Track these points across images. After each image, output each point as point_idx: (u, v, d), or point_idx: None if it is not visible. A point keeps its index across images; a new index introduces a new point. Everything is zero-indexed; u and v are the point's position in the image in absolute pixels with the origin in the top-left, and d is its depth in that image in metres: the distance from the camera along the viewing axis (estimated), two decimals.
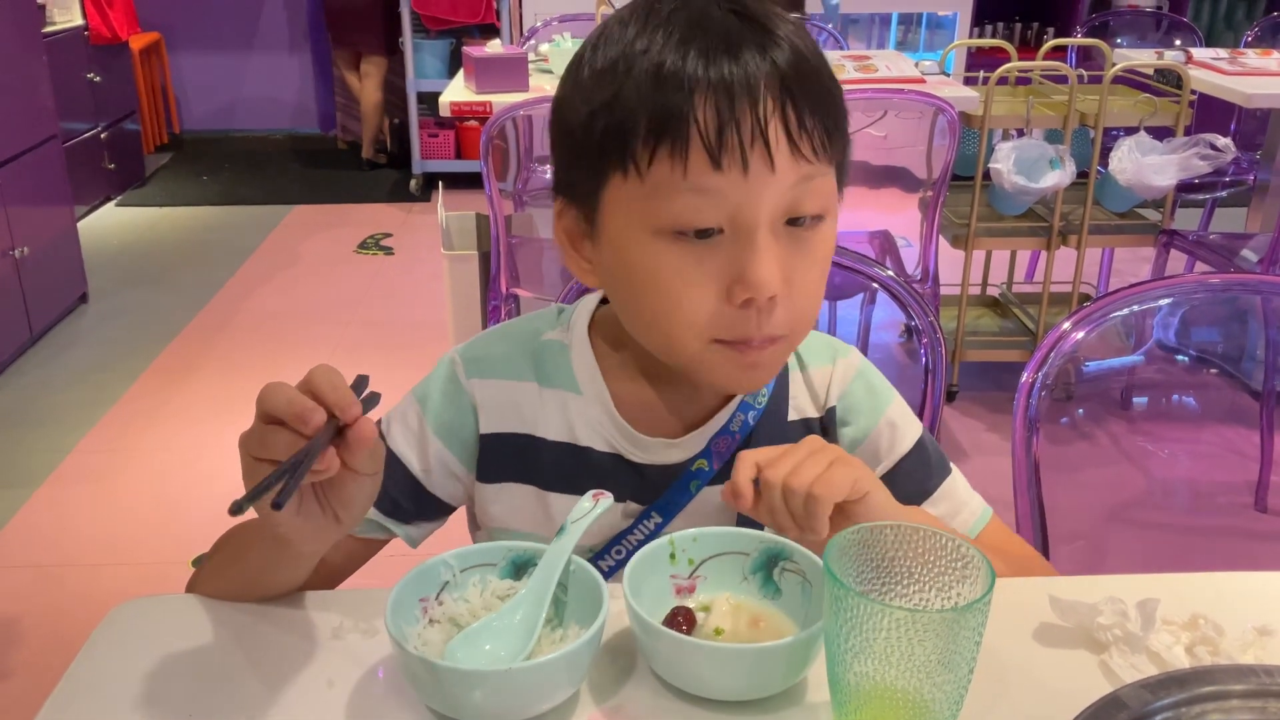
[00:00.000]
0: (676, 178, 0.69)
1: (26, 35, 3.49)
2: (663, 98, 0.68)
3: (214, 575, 0.82)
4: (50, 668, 2.03)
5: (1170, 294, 1.15)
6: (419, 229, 4.62)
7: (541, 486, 0.86)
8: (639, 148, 0.69)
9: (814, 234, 0.73)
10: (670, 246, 0.71)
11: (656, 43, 0.69)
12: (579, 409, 0.84)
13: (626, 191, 0.71)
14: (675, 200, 0.69)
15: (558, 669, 0.67)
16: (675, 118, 0.67)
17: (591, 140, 0.71)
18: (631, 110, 0.69)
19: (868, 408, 0.88)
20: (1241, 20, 5.31)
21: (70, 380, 3.19)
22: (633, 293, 0.75)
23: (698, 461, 0.84)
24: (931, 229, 2.63)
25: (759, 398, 0.85)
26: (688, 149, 0.68)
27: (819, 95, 0.70)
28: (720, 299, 0.71)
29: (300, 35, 6.13)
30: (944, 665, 0.60)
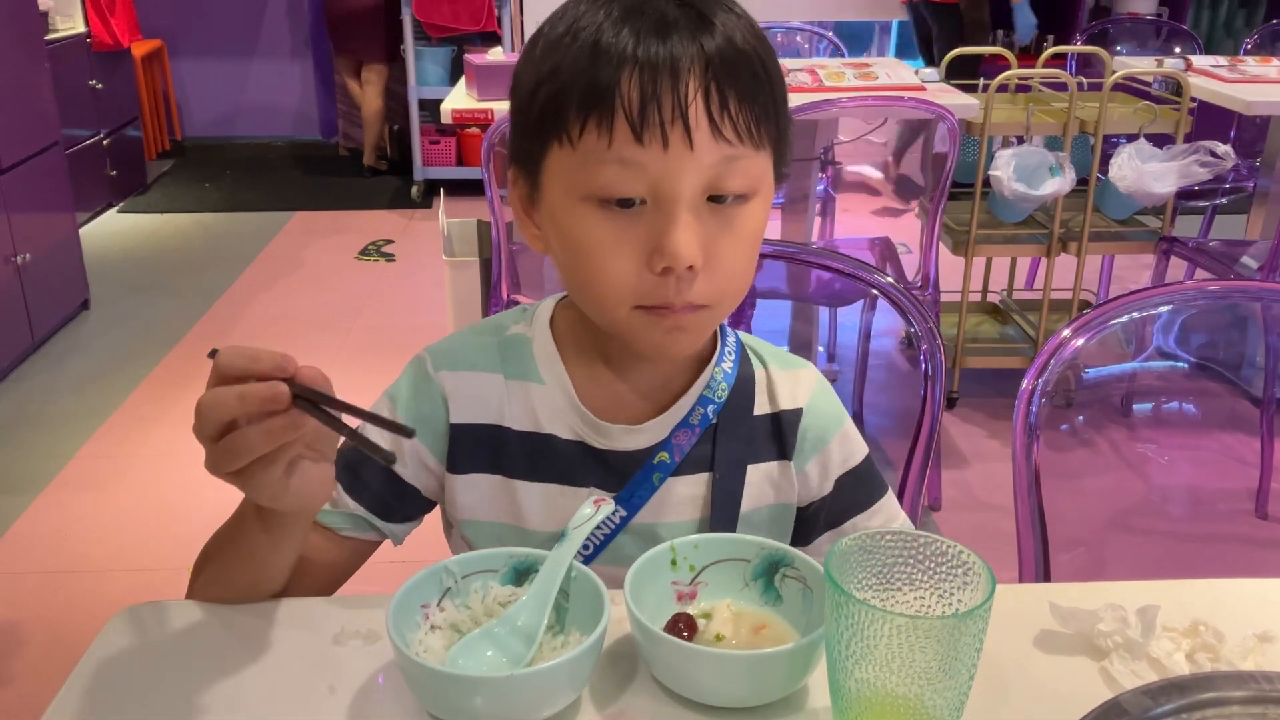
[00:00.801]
0: (602, 147, 0.72)
1: (29, 42, 3.50)
2: (594, 72, 0.72)
3: (209, 581, 0.82)
4: (53, 673, 2.03)
5: (1170, 301, 1.15)
6: (420, 235, 4.62)
7: (509, 475, 0.87)
8: (572, 117, 0.73)
9: (738, 212, 0.76)
10: (597, 214, 0.75)
11: (597, 20, 0.73)
12: (542, 398, 0.87)
13: (562, 160, 0.75)
14: (601, 169, 0.73)
15: (559, 675, 0.67)
16: (604, 91, 0.72)
17: (535, 110, 0.76)
18: (568, 82, 0.73)
19: (831, 416, 0.92)
20: (1241, 28, 5.32)
21: (72, 386, 3.19)
22: (568, 258, 0.79)
23: (659, 454, 0.86)
24: (932, 236, 2.64)
25: (718, 392, 0.87)
26: (613, 121, 0.72)
27: (747, 81, 0.73)
28: (642, 267, 0.75)
29: (302, 42, 6.15)
30: (945, 672, 0.60)
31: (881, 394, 3.13)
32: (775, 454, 0.90)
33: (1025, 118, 2.74)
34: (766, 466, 0.90)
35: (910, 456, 1.17)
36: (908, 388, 3.20)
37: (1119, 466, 1.39)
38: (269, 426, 0.65)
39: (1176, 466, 1.49)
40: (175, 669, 0.74)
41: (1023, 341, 3.07)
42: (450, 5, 4.73)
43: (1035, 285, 3.42)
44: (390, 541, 0.92)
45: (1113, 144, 2.85)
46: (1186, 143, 2.68)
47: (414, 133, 5.03)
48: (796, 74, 2.82)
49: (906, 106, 2.64)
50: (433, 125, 5.02)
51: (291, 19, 6.11)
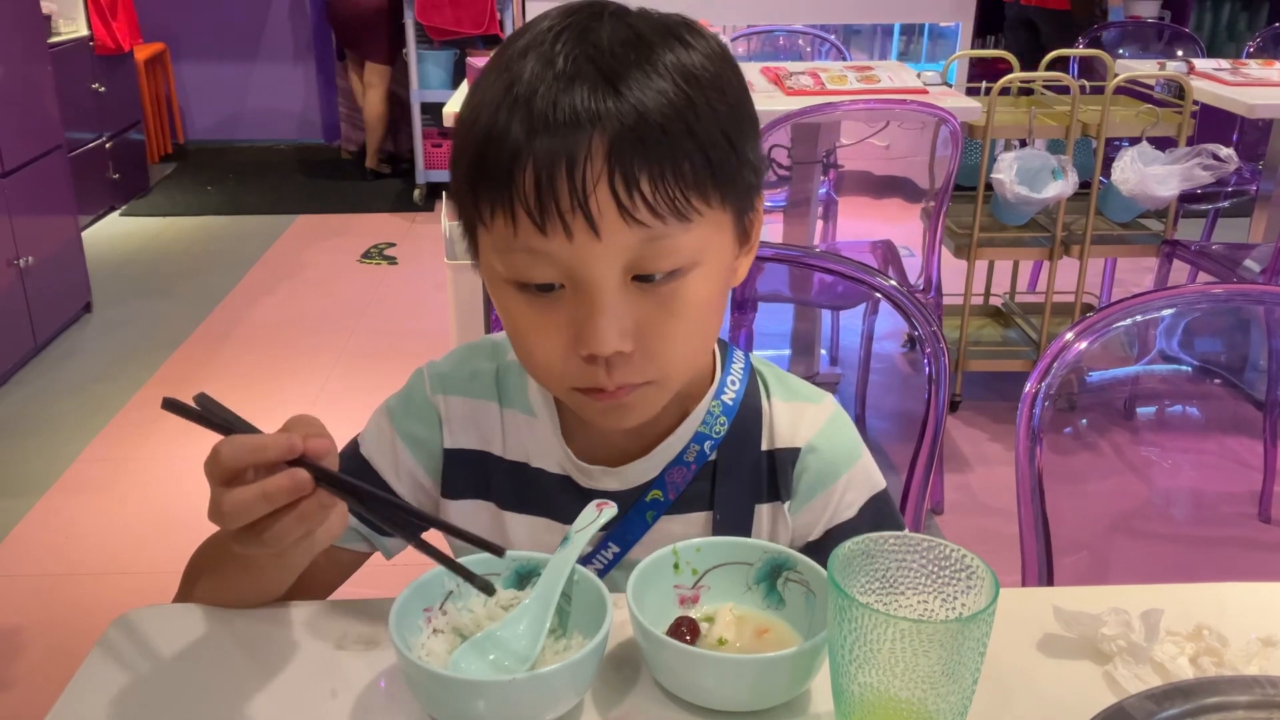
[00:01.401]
0: (510, 235, 0.69)
1: (32, 45, 3.51)
2: (492, 162, 0.68)
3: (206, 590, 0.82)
4: (53, 677, 2.03)
5: (1173, 304, 1.15)
6: (422, 238, 4.63)
7: (499, 505, 0.87)
8: (481, 203, 0.70)
9: (674, 288, 0.70)
10: (519, 296, 0.72)
11: (500, 87, 0.68)
12: (532, 430, 0.85)
13: (483, 239, 0.73)
14: (512, 255, 0.70)
15: (562, 679, 0.67)
16: (503, 182, 0.67)
17: (459, 180, 0.72)
18: (474, 168, 0.69)
19: (834, 459, 0.86)
20: (1243, 31, 5.32)
21: (73, 389, 3.20)
22: (507, 331, 0.77)
23: (652, 492, 0.83)
24: (934, 239, 2.64)
25: (715, 427, 0.83)
26: (513, 212, 0.67)
27: (663, 156, 0.66)
28: (569, 350, 0.71)
29: (304, 46, 6.15)
30: (948, 676, 0.60)
31: (884, 397, 3.13)
32: (771, 495, 0.86)
33: (1028, 121, 2.74)
34: (770, 508, 0.86)
35: (914, 460, 1.17)
36: (910, 391, 3.19)
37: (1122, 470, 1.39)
38: (303, 513, 0.65)
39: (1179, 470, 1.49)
40: (176, 673, 0.74)
41: (1025, 345, 3.07)
42: (452, 8, 4.73)
43: (1038, 288, 3.42)
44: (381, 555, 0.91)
45: (1115, 147, 2.85)
46: (1189, 146, 2.67)
47: (416, 136, 5.04)
48: (799, 77, 2.82)
49: (909, 110, 2.63)
50: (435, 128, 5.02)
51: (294, 22, 6.12)
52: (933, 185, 2.75)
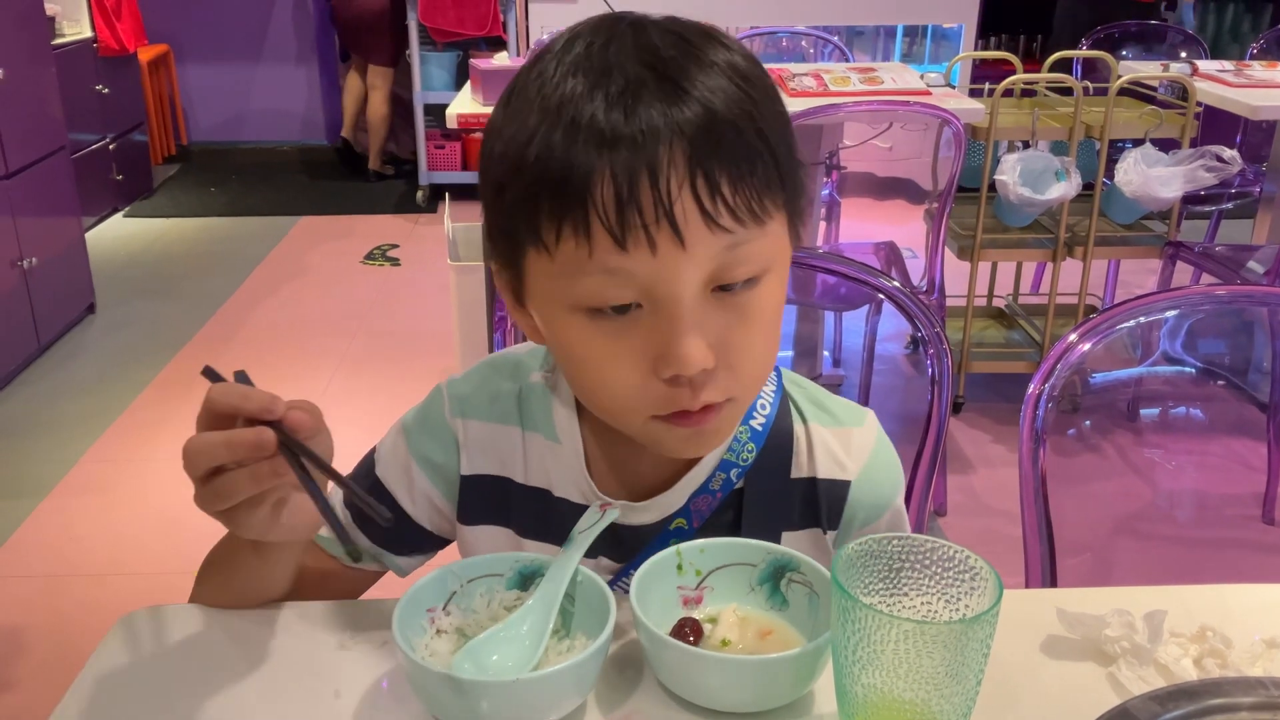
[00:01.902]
0: (583, 257, 0.64)
1: (36, 47, 3.51)
2: (563, 177, 0.63)
3: (213, 590, 0.83)
4: (56, 678, 2.03)
5: (1176, 306, 1.14)
6: (425, 240, 4.63)
7: (517, 532, 0.84)
8: (545, 225, 0.65)
9: (751, 296, 0.68)
10: (590, 324, 0.67)
11: (559, 99, 0.64)
12: (556, 457, 0.82)
13: (541, 266, 0.67)
14: (586, 279, 0.65)
15: (565, 680, 0.67)
16: (575, 199, 0.63)
17: (505, 209, 0.67)
18: (534, 189, 0.64)
19: (886, 488, 0.85)
20: (1247, 32, 5.32)
21: (77, 391, 3.20)
22: (568, 368, 0.73)
23: (676, 520, 0.82)
24: (937, 240, 2.64)
25: (742, 455, 0.81)
26: (590, 230, 0.63)
27: (740, 156, 0.64)
28: (648, 375, 0.67)
29: (308, 47, 6.16)
30: (952, 677, 0.60)
31: (887, 398, 3.13)
32: (816, 521, 0.83)
33: (1031, 122, 2.74)
34: (799, 535, 0.84)
35: (917, 461, 1.17)
36: (913, 392, 3.19)
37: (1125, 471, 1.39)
38: (255, 472, 0.64)
39: (1183, 471, 1.48)
40: (179, 674, 0.74)
41: (1028, 346, 3.07)
42: (455, 10, 4.74)
43: (1041, 290, 3.42)
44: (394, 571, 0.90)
45: (1118, 149, 2.85)
46: (1192, 147, 2.67)
47: (420, 137, 5.04)
48: (801, 79, 2.82)
49: (912, 111, 2.63)
50: (438, 130, 5.02)
51: (297, 24, 6.13)
52: (936, 186, 2.75)
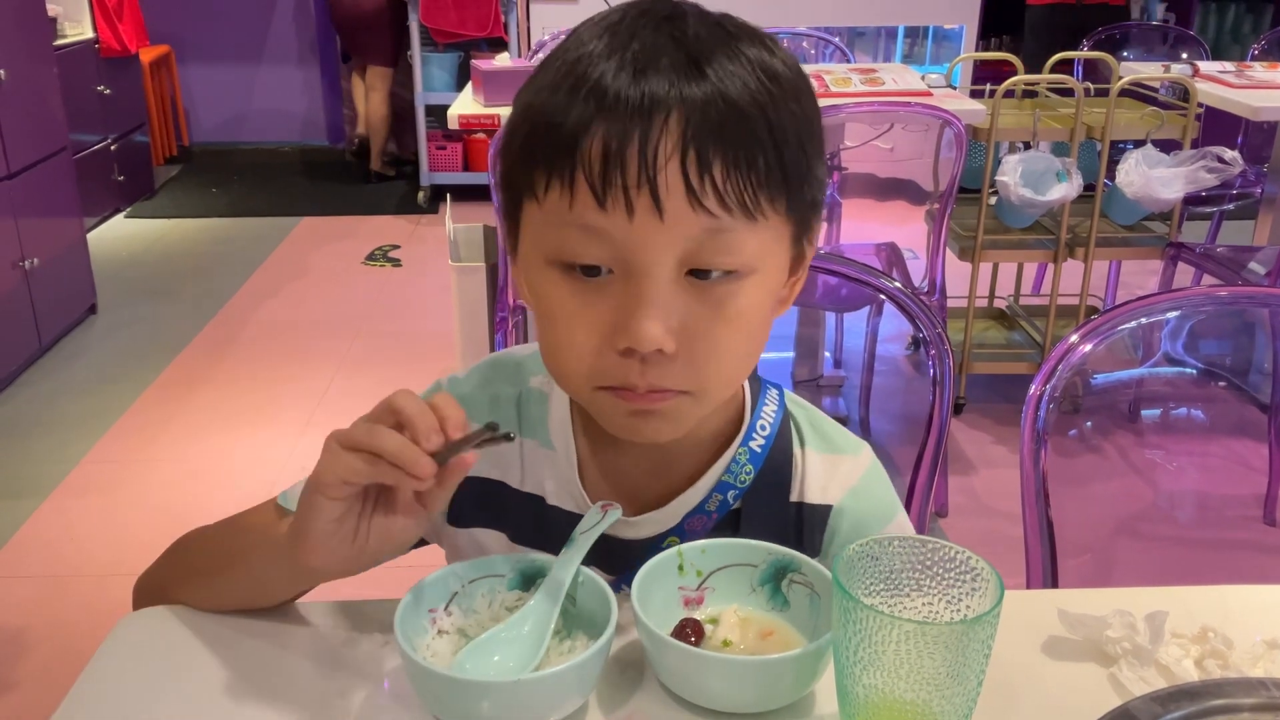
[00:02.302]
0: (564, 209, 0.65)
1: (37, 48, 3.52)
2: (558, 126, 0.64)
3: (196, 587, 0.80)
4: (58, 678, 2.03)
5: (1178, 307, 1.14)
6: (427, 241, 4.63)
7: (511, 537, 0.83)
8: (538, 173, 0.66)
9: (729, 291, 0.67)
10: (562, 279, 0.68)
11: (578, 55, 0.66)
12: (551, 465, 0.81)
13: (531, 216, 0.69)
14: (563, 232, 0.66)
15: (566, 680, 0.67)
16: (565, 149, 0.64)
17: (512, 157, 0.70)
18: (536, 133, 0.66)
19: (869, 518, 0.83)
20: (1248, 33, 5.32)
21: (78, 391, 3.20)
22: (537, 322, 0.73)
23: (669, 539, 0.80)
24: (938, 241, 2.64)
25: (740, 476, 0.79)
26: (574, 181, 0.64)
27: (740, 143, 0.64)
28: (604, 343, 0.67)
29: (309, 48, 6.17)
30: (953, 678, 0.60)
31: (888, 400, 3.13)
32: (802, 547, 0.81)
33: (1032, 123, 2.74)
34: None
35: (918, 462, 1.17)
36: (914, 393, 3.19)
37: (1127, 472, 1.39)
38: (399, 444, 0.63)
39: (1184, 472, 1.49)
40: (181, 674, 0.74)
41: (1029, 347, 3.07)
42: (457, 11, 4.74)
43: (1042, 291, 3.42)
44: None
45: (1120, 149, 2.85)
46: (1194, 148, 2.67)
47: (421, 138, 5.05)
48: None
49: (913, 112, 2.64)
50: (439, 131, 5.03)
51: (299, 24, 6.13)
52: (937, 187, 2.75)
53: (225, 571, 0.79)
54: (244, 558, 0.78)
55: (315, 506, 0.66)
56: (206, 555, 0.82)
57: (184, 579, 0.81)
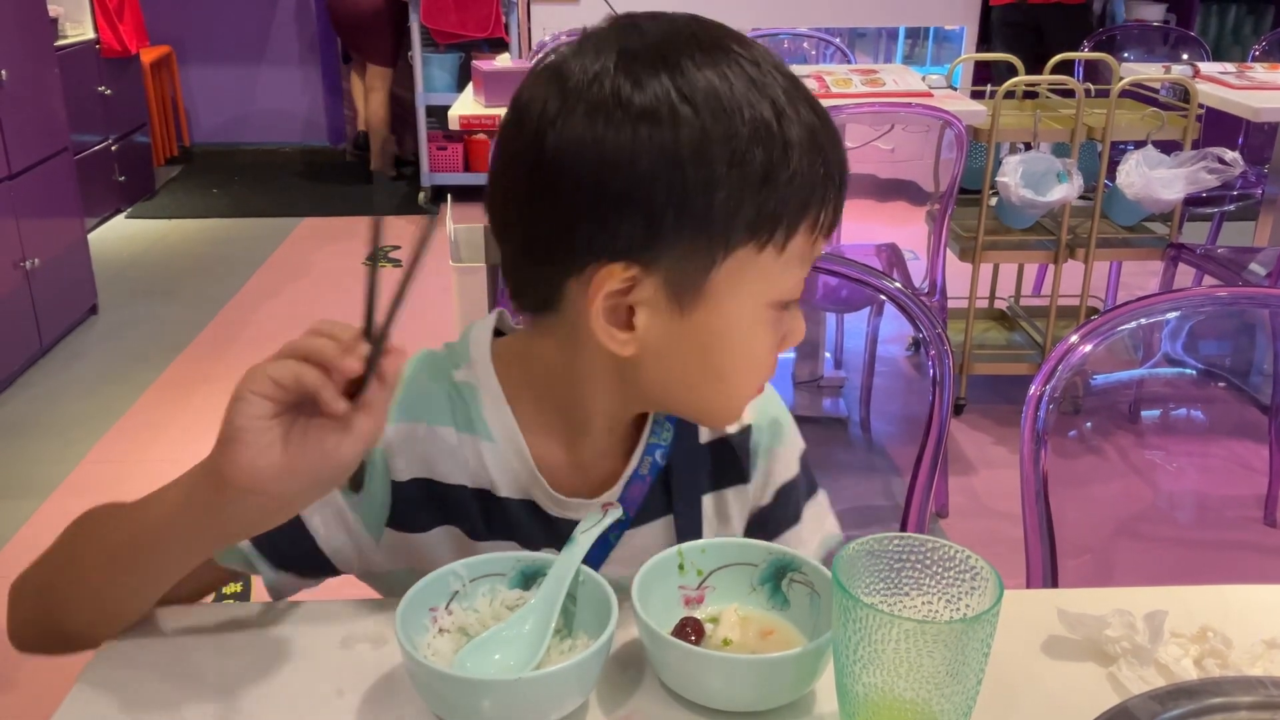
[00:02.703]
0: (806, 248, 0.72)
1: (38, 48, 3.52)
2: (817, 171, 0.69)
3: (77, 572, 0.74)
4: (58, 678, 2.03)
5: (1178, 307, 1.15)
6: (428, 241, 4.63)
7: (467, 533, 0.81)
8: (793, 219, 0.70)
9: None
10: (776, 316, 0.74)
11: (769, 116, 0.68)
12: (493, 456, 0.80)
13: (757, 264, 0.70)
14: (800, 270, 0.73)
15: (567, 679, 0.67)
16: (822, 191, 0.70)
17: (721, 212, 0.67)
18: (790, 187, 0.68)
19: (774, 423, 0.90)
20: (1249, 34, 5.32)
21: (79, 391, 3.20)
22: (717, 361, 0.74)
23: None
24: (939, 242, 2.64)
25: (664, 435, 0.84)
26: (823, 220, 0.72)
27: None
28: (775, 354, 0.77)
29: (309, 49, 6.17)
30: (952, 676, 0.60)
31: (888, 400, 3.13)
32: (731, 479, 0.87)
33: (1033, 124, 2.74)
34: (721, 494, 0.87)
35: (918, 462, 1.17)
36: (914, 394, 3.19)
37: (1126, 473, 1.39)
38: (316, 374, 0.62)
39: (1184, 473, 1.49)
40: (182, 674, 0.75)
41: (1030, 348, 3.07)
42: (457, 12, 4.74)
43: (1042, 291, 3.42)
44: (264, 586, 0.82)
45: (1120, 150, 2.85)
46: (1194, 149, 2.67)
47: (421, 139, 5.05)
48: (804, 80, 2.82)
49: (914, 113, 2.64)
50: (440, 131, 5.03)
51: (300, 25, 6.14)
52: (937, 188, 2.75)
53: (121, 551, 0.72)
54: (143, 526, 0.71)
55: (241, 400, 0.61)
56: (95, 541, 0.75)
57: (66, 567, 0.75)
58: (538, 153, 0.69)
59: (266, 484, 0.63)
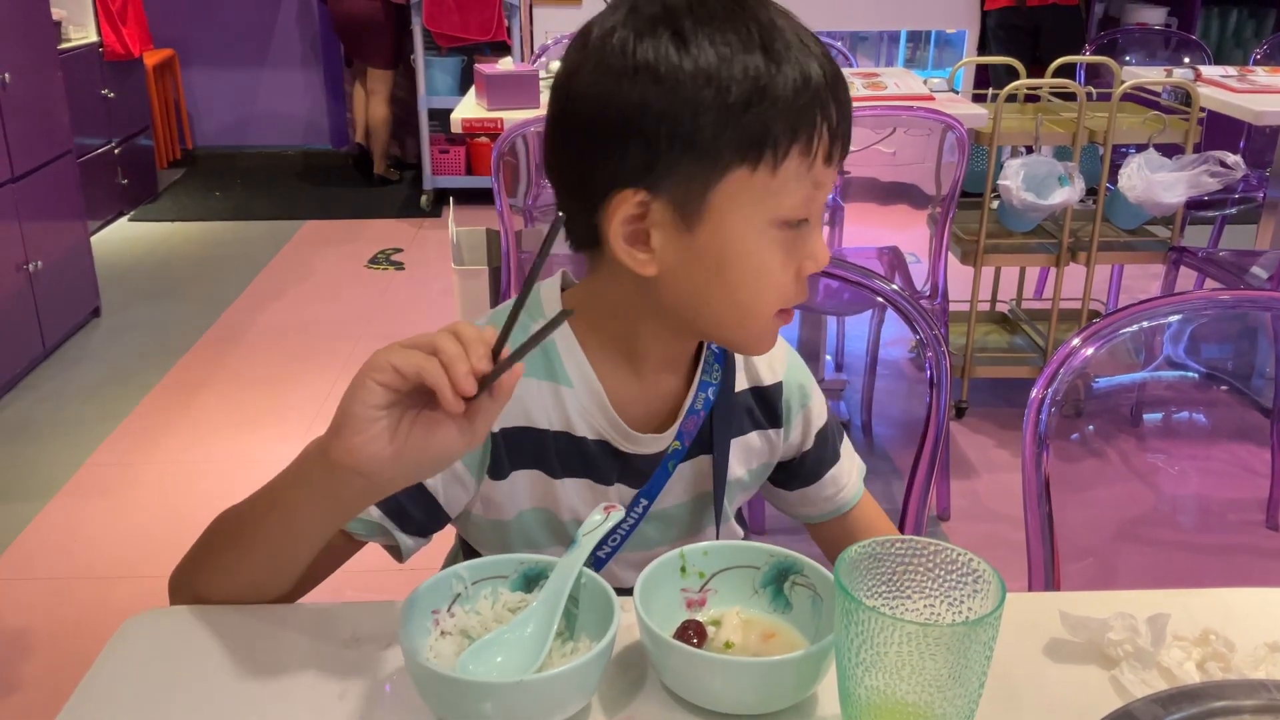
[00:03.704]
0: (803, 170, 0.76)
1: (42, 52, 3.53)
2: (803, 100, 0.74)
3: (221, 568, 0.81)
4: (62, 681, 2.04)
5: (1180, 310, 1.15)
6: (430, 244, 4.64)
7: (548, 473, 0.89)
8: (780, 140, 0.75)
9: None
10: (779, 235, 0.78)
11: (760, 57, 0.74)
12: (571, 400, 0.87)
13: (752, 184, 0.76)
14: (800, 192, 0.77)
15: (569, 681, 0.67)
16: (810, 117, 0.75)
17: (708, 135, 0.75)
18: (774, 111, 0.74)
19: (805, 380, 0.99)
20: (1250, 38, 5.32)
21: (82, 394, 3.21)
22: (728, 277, 0.79)
23: (673, 444, 0.90)
24: (940, 245, 2.64)
25: (713, 373, 0.91)
26: (817, 143, 0.76)
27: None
28: (794, 277, 0.80)
29: (312, 52, 6.18)
30: (955, 679, 0.60)
31: (890, 403, 3.13)
32: (763, 424, 0.96)
33: (1034, 127, 2.74)
34: (749, 438, 0.95)
35: (916, 463, 1.17)
36: (916, 397, 3.19)
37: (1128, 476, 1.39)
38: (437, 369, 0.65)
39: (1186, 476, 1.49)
40: (185, 676, 0.75)
41: (1031, 351, 3.07)
42: (460, 15, 4.75)
43: (1044, 295, 3.42)
44: (398, 557, 0.88)
45: (1122, 154, 2.85)
46: (1196, 153, 2.67)
47: (424, 142, 5.05)
48: None
49: (916, 116, 2.64)
50: (442, 134, 5.03)
51: (302, 28, 6.14)
52: (939, 192, 2.75)
53: (251, 532, 0.78)
54: (269, 506, 0.77)
55: (361, 388, 0.66)
56: (231, 525, 0.81)
57: (207, 558, 0.82)
58: (563, 103, 0.79)
59: (371, 468, 0.67)
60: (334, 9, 5.14)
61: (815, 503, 1.02)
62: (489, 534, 0.92)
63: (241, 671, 0.75)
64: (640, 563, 0.88)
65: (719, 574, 0.78)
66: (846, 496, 1.02)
